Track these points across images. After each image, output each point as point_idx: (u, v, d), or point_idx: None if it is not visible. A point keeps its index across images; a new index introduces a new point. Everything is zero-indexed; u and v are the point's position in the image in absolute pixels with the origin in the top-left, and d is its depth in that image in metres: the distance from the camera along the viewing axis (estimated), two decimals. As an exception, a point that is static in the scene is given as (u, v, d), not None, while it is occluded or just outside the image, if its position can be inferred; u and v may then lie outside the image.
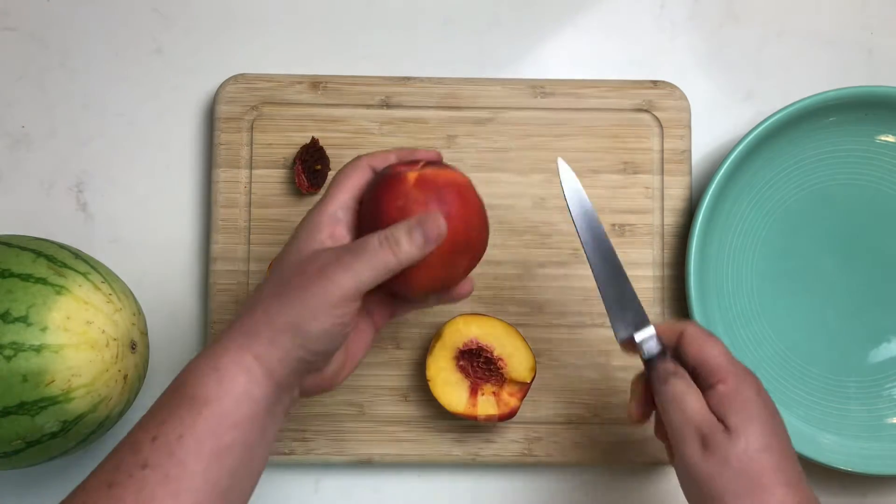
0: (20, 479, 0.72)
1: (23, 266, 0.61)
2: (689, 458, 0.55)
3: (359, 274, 0.51)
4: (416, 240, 0.53)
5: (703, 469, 0.55)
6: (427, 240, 0.53)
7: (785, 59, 0.76)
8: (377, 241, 0.52)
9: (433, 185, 0.55)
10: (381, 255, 0.52)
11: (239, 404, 0.51)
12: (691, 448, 0.55)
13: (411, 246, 0.53)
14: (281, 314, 0.52)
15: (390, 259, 0.52)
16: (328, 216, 0.55)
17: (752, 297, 0.73)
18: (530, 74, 0.75)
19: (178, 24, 0.75)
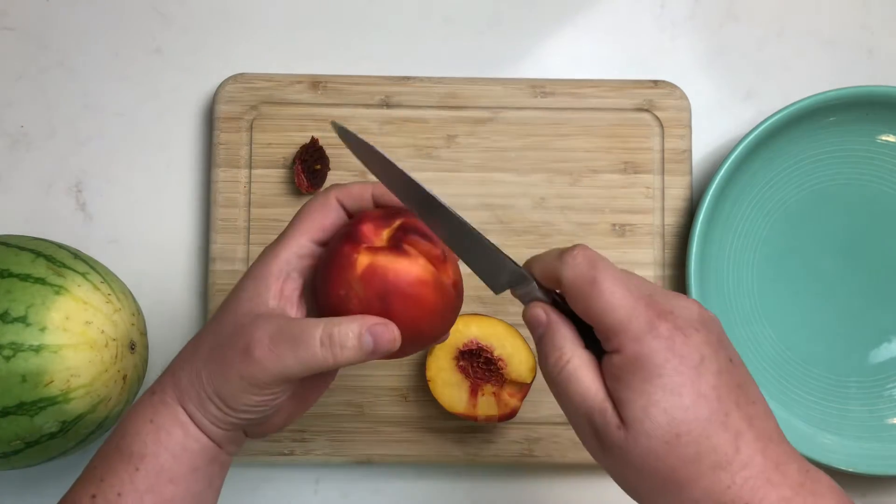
0: (19, 480, 0.72)
1: (22, 266, 0.61)
2: (588, 450, 0.46)
3: (289, 368, 0.48)
4: (365, 347, 0.48)
5: (606, 465, 0.45)
6: (376, 351, 0.48)
7: (785, 58, 0.76)
8: (318, 341, 0.47)
9: (381, 282, 0.48)
10: (319, 356, 0.47)
11: (177, 459, 0.49)
12: (587, 442, 0.46)
13: (357, 352, 0.48)
14: (210, 383, 0.49)
15: (328, 360, 0.48)
16: (279, 267, 0.50)
17: (753, 297, 0.72)
18: (530, 74, 0.75)
19: (177, 24, 0.75)
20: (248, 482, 0.72)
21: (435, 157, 0.73)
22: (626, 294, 0.44)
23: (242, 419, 0.50)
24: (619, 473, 0.45)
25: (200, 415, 0.50)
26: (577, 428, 0.46)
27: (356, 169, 0.72)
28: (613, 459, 0.44)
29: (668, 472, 0.43)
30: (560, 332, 0.47)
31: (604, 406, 0.44)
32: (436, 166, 0.72)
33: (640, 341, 0.43)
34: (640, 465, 0.43)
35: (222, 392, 0.49)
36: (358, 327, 0.47)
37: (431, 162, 0.72)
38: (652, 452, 0.43)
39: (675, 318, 0.44)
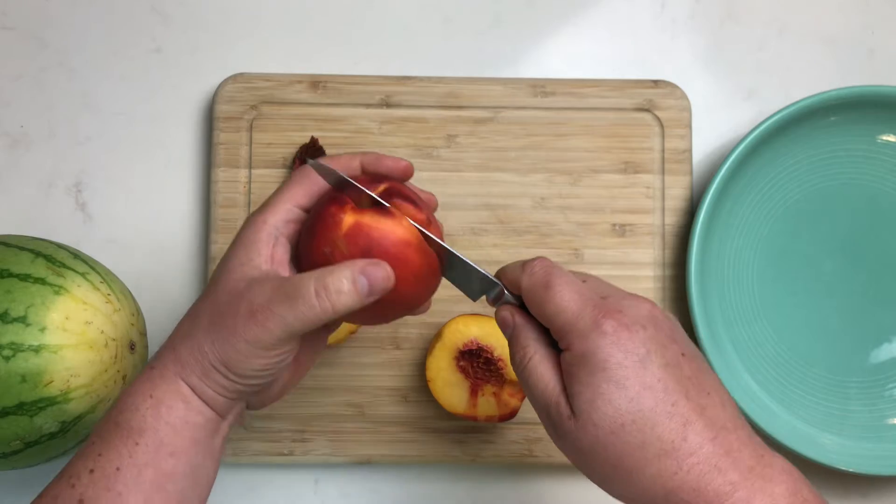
0: (19, 480, 0.72)
1: (21, 266, 0.61)
2: (550, 436, 0.49)
3: (291, 326, 0.48)
4: (361, 288, 0.48)
5: (564, 452, 0.49)
6: (372, 290, 0.48)
7: (786, 58, 0.76)
8: (314, 291, 0.47)
9: (365, 240, 0.49)
10: (317, 307, 0.47)
11: (177, 432, 0.49)
12: (548, 429, 0.49)
13: (353, 296, 0.48)
14: (214, 352, 0.49)
15: (327, 310, 0.48)
16: (267, 232, 0.51)
17: (753, 297, 0.72)
18: (530, 74, 0.75)
19: (177, 24, 0.75)
20: (248, 482, 0.72)
21: (435, 157, 0.73)
22: (576, 297, 0.48)
23: (249, 385, 0.50)
24: (575, 459, 0.48)
25: (205, 385, 0.49)
26: (540, 418, 0.49)
27: (356, 169, 0.72)
28: (568, 447, 0.48)
29: (616, 459, 0.46)
30: (525, 332, 0.50)
31: (558, 399, 0.48)
32: (436, 166, 0.72)
33: (586, 338, 0.47)
34: (590, 452, 0.46)
35: (229, 359, 0.49)
36: (350, 271, 0.48)
37: (431, 162, 0.72)
38: (599, 441, 0.46)
39: (621, 317, 0.47)
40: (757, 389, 0.71)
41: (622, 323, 0.47)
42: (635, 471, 0.46)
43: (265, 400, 0.53)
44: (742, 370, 0.71)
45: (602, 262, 0.72)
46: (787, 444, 0.69)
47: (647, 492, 0.46)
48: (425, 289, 0.51)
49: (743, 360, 0.71)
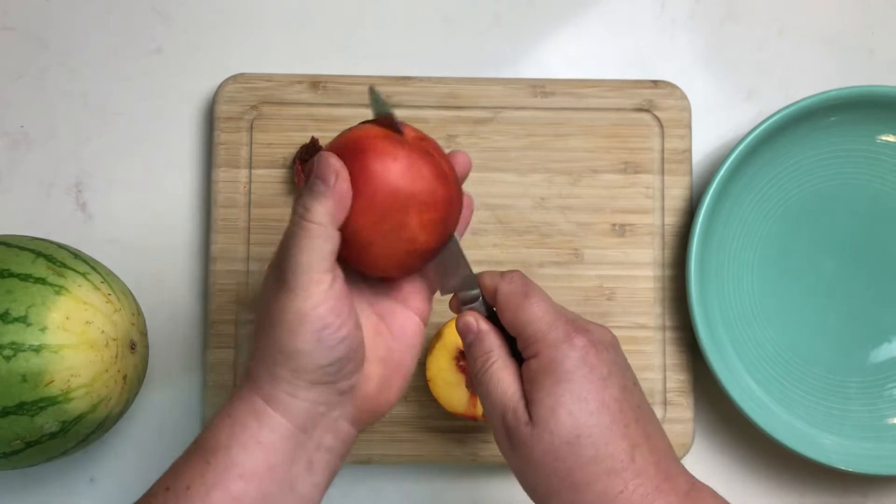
0: (20, 479, 0.72)
1: (22, 266, 0.61)
2: (499, 446, 0.50)
3: (301, 264, 0.46)
4: (319, 188, 0.46)
5: (512, 463, 0.49)
6: (325, 181, 0.46)
7: (786, 58, 0.76)
8: (294, 224, 0.47)
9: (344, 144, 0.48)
10: (302, 231, 0.46)
11: (248, 452, 0.47)
12: (499, 438, 0.49)
13: (320, 200, 0.46)
14: (265, 346, 0.48)
15: (312, 227, 0.46)
16: None
17: (753, 297, 0.72)
18: (530, 74, 0.75)
19: (177, 24, 0.75)
20: (249, 482, 0.72)
21: (435, 157, 0.73)
22: (550, 310, 0.50)
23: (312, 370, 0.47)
24: (523, 472, 0.49)
25: (275, 391, 0.47)
26: (494, 425, 0.50)
27: (356, 169, 0.72)
28: (519, 457, 0.48)
29: (565, 472, 0.47)
30: (489, 338, 0.51)
31: (517, 404, 0.48)
32: (436, 166, 0.72)
33: (557, 348, 0.48)
34: (542, 462, 0.47)
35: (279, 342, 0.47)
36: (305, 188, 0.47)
37: (431, 162, 0.72)
38: (553, 451, 0.47)
39: (590, 335, 0.49)
40: (757, 389, 0.71)
41: (591, 341, 0.48)
42: (582, 486, 0.47)
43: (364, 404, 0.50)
44: (742, 370, 0.71)
45: (602, 262, 0.72)
46: (787, 444, 0.69)
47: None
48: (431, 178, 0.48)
49: (743, 360, 0.71)
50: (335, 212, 0.47)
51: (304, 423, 0.48)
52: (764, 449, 0.72)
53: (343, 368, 0.48)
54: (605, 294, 0.72)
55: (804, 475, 0.73)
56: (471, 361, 0.51)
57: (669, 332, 0.72)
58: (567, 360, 0.48)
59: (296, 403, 0.48)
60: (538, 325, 0.49)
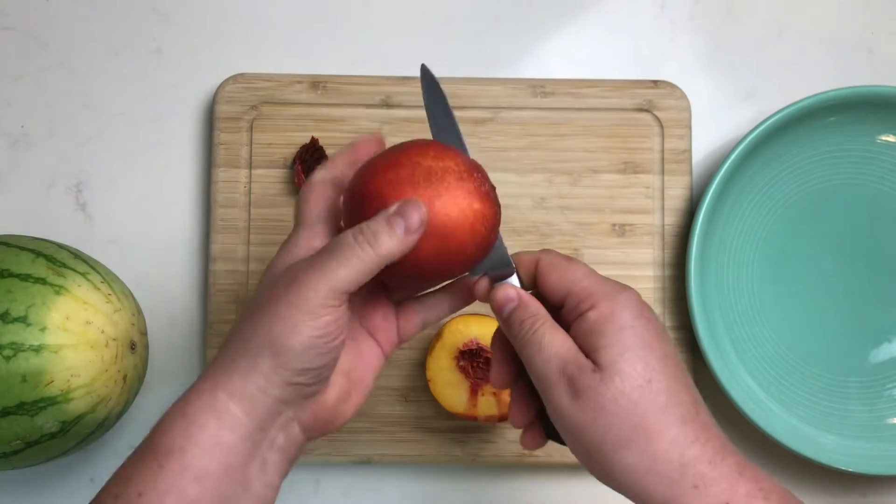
0: (20, 480, 0.72)
1: (22, 266, 0.61)
2: (557, 405, 0.47)
3: (335, 275, 0.46)
4: (397, 227, 0.47)
5: (576, 417, 0.46)
6: (408, 227, 0.47)
7: (785, 58, 0.76)
8: (352, 237, 0.47)
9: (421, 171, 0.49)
10: (357, 252, 0.46)
11: (205, 453, 0.46)
12: (558, 394, 0.47)
13: (391, 237, 0.46)
14: (256, 334, 0.47)
15: (369, 254, 0.46)
16: (305, 227, 0.50)
17: (753, 297, 0.72)
18: (530, 74, 0.75)
19: (177, 24, 0.75)
20: (249, 482, 0.72)
21: (435, 157, 0.73)
22: (594, 271, 0.50)
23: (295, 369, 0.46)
24: (589, 424, 0.46)
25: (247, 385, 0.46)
26: (547, 381, 0.48)
27: (356, 169, 0.72)
28: (585, 408, 0.46)
29: (639, 417, 0.46)
30: (532, 302, 0.51)
31: (577, 355, 0.47)
32: (436, 166, 0.72)
33: (615, 299, 0.48)
34: (613, 408, 0.46)
35: (274, 334, 0.46)
36: (383, 215, 0.47)
37: (431, 162, 0.72)
38: (625, 395, 0.46)
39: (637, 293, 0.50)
40: (757, 389, 0.71)
41: (640, 298, 0.49)
42: (656, 432, 0.45)
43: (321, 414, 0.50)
44: (742, 370, 0.71)
45: (602, 262, 0.72)
46: (787, 444, 0.69)
47: (660, 457, 0.45)
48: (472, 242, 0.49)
49: (743, 360, 0.71)
50: (397, 254, 0.47)
51: (264, 421, 0.47)
52: (764, 449, 0.72)
53: (320, 375, 0.48)
54: (605, 294, 0.72)
55: (804, 475, 0.73)
56: (516, 327, 0.50)
57: (669, 332, 0.72)
58: (627, 311, 0.48)
59: (263, 400, 0.47)
60: (590, 280, 0.49)
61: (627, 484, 0.46)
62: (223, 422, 0.46)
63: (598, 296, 0.48)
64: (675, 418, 0.46)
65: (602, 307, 0.48)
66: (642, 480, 0.46)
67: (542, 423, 0.52)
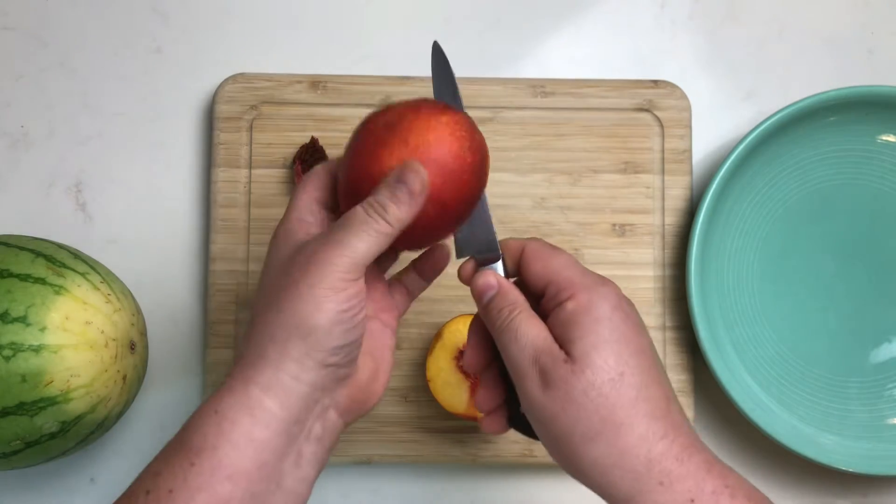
0: (19, 480, 0.72)
1: (22, 266, 0.61)
2: (529, 395, 0.48)
3: (353, 248, 0.46)
4: (403, 198, 0.47)
5: (546, 407, 0.47)
6: (412, 193, 0.47)
7: (785, 58, 0.76)
8: (363, 212, 0.47)
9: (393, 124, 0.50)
10: (372, 225, 0.47)
11: (238, 451, 0.45)
12: (530, 383, 0.47)
13: (400, 207, 0.47)
14: (280, 323, 0.46)
15: (382, 226, 0.47)
16: (296, 221, 0.51)
17: (753, 297, 0.72)
18: (530, 74, 0.75)
19: (177, 24, 0.75)
20: (248, 482, 0.72)
21: (435, 157, 0.72)
22: (578, 262, 0.51)
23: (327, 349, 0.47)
24: (558, 415, 0.47)
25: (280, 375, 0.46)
26: (521, 370, 0.48)
27: (356, 169, 0.72)
28: (555, 398, 0.47)
29: (608, 410, 0.46)
30: (512, 291, 0.51)
31: (552, 346, 0.48)
32: (436, 166, 0.72)
33: (594, 290, 0.48)
34: (583, 400, 0.46)
35: (301, 316, 0.46)
36: (386, 186, 0.48)
37: (431, 162, 0.72)
38: (595, 387, 0.46)
39: (617, 287, 0.50)
40: (757, 389, 0.71)
41: (619, 291, 0.49)
42: (625, 426, 0.46)
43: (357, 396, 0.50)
44: (742, 370, 0.71)
45: (602, 262, 0.72)
46: (787, 444, 0.69)
47: (627, 452, 0.46)
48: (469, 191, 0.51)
49: (743, 360, 0.71)
50: (407, 220, 0.48)
51: (299, 412, 0.47)
52: (764, 449, 0.72)
53: (351, 353, 0.48)
54: (605, 294, 0.72)
55: (804, 475, 0.73)
56: (493, 315, 0.50)
57: (669, 332, 0.72)
58: (605, 303, 0.48)
59: (298, 388, 0.47)
60: (572, 271, 0.49)
61: (594, 477, 0.47)
62: (257, 418, 0.46)
63: (578, 287, 0.48)
64: (645, 413, 0.46)
65: (580, 298, 0.48)
66: (608, 474, 0.46)
67: (507, 410, 0.53)
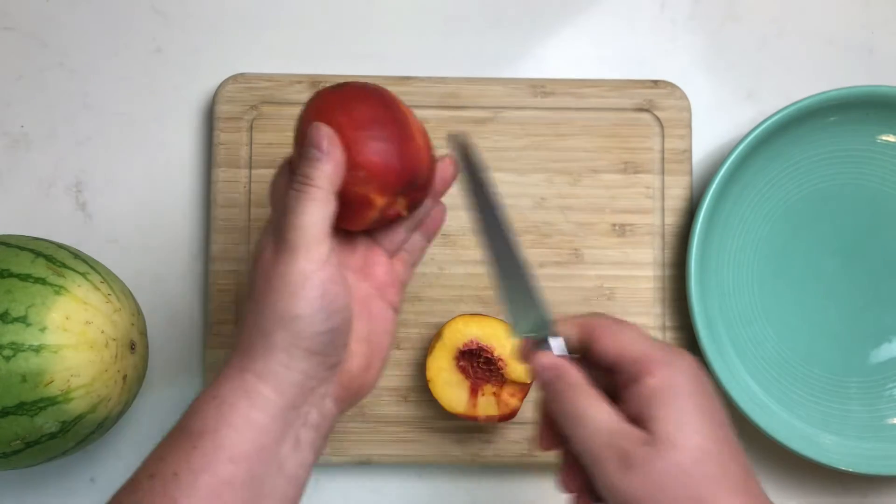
0: (20, 480, 0.72)
1: (22, 266, 0.61)
2: (606, 479, 0.45)
3: (302, 226, 0.48)
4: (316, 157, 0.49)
5: (628, 491, 0.44)
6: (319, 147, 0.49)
7: (786, 58, 0.76)
8: (293, 190, 0.49)
9: None
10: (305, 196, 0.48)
11: (238, 434, 0.47)
12: (607, 468, 0.45)
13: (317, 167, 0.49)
14: (263, 313, 0.48)
15: (315, 193, 0.48)
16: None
17: (753, 297, 0.72)
18: (530, 74, 0.75)
19: (177, 24, 0.75)
20: (248, 482, 0.72)
21: (435, 157, 0.73)
22: (645, 333, 0.49)
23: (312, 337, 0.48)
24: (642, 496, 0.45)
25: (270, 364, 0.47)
26: (593, 455, 0.46)
27: (356, 169, 0.72)
28: (637, 479, 0.44)
29: (693, 489, 0.44)
30: (573, 371, 0.49)
31: (627, 426, 0.46)
32: (436, 166, 0.72)
33: (672, 365, 0.47)
34: (665, 481, 0.44)
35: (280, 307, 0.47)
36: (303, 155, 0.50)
37: (431, 162, 0.72)
38: (679, 466, 0.44)
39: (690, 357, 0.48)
40: (757, 389, 0.71)
41: (694, 362, 0.48)
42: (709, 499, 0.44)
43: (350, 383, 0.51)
44: (742, 370, 0.71)
45: (602, 262, 0.72)
46: (787, 444, 0.69)
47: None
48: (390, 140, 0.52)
49: (743, 360, 0.71)
50: (332, 175, 0.49)
51: (294, 399, 0.48)
52: (764, 449, 0.72)
53: (336, 339, 0.49)
54: (605, 294, 0.72)
55: (804, 475, 0.73)
56: (556, 398, 0.48)
57: (669, 332, 0.72)
58: (684, 378, 0.46)
59: (290, 376, 0.48)
60: (644, 344, 0.47)
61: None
62: (254, 402, 0.47)
63: (656, 361, 0.46)
64: (727, 489, 0.44)
65: (661, 373, 0.46)
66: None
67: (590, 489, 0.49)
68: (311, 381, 0.49)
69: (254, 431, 0.47)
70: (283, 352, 0.48)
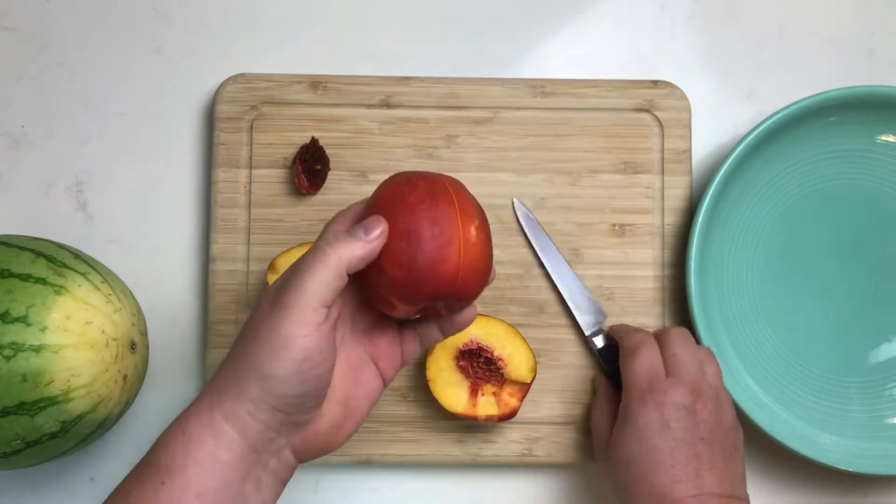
0: (20, 479, 0.72)
1: (22, 266, 0.61)
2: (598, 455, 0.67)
3: (305, 286, 0.48)
4: (358, 235, 0.49)
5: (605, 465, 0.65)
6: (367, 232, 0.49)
7: (786, 58, 0.76)
8: (315, 246, 0.49)
9: None
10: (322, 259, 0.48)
11: (205, 471, 0.48)
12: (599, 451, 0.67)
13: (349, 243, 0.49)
14: (243, 359, 0.48)
15: (332, 258, 0.48)
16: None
17: (753, 297, 0.72)
18: (530, 74, 0.75)
19: (178, 24, 0.75)
20: (249, 482, 0.72)
21: (435, 157, 0.73)
22: (645, 368, 0.64)
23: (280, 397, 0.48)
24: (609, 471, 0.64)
25: (238, 408, 0.48)
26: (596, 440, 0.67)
27: (356, 169, 0.72)
28: (607, 462, 0.64)
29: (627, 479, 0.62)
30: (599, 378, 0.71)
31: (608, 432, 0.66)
32: (436, 166, 0.72)
33: (632, 400, 0.63)
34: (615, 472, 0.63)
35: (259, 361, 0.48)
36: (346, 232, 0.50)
37: (432, 162, 0.72)
38: (620, 463, 0.63)
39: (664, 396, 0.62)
40: (757, 389, 0.71)
41: (660, 401, 0.62)
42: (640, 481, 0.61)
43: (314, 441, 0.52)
44: (742, 370, 0.71)
45: (602, 262, 0.72)
46: (786, 444, 0.69)
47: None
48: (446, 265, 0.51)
49: (743, 360, 0.71)
50: (358, 258, 0.49)
51: (256, 444, 0.49)
52: (764, 449, 0.72)
53: (305, 403, 0.50)
54: (605, 294, 0.72)
55: (804, 475, 0.73)
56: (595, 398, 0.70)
57: (669, 332, 0.72)
58: (633, 411, 0.62)
59: (253, 424, 0.49)
60: (629, 379, 0.64)
61: None
62: (220, 440, 0.48)
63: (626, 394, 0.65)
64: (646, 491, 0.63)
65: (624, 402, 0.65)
66: None
67: None
68: (272, 433, 0.50)
69: (219, 469, 0.48)
70: (251, 402, 0.49)
